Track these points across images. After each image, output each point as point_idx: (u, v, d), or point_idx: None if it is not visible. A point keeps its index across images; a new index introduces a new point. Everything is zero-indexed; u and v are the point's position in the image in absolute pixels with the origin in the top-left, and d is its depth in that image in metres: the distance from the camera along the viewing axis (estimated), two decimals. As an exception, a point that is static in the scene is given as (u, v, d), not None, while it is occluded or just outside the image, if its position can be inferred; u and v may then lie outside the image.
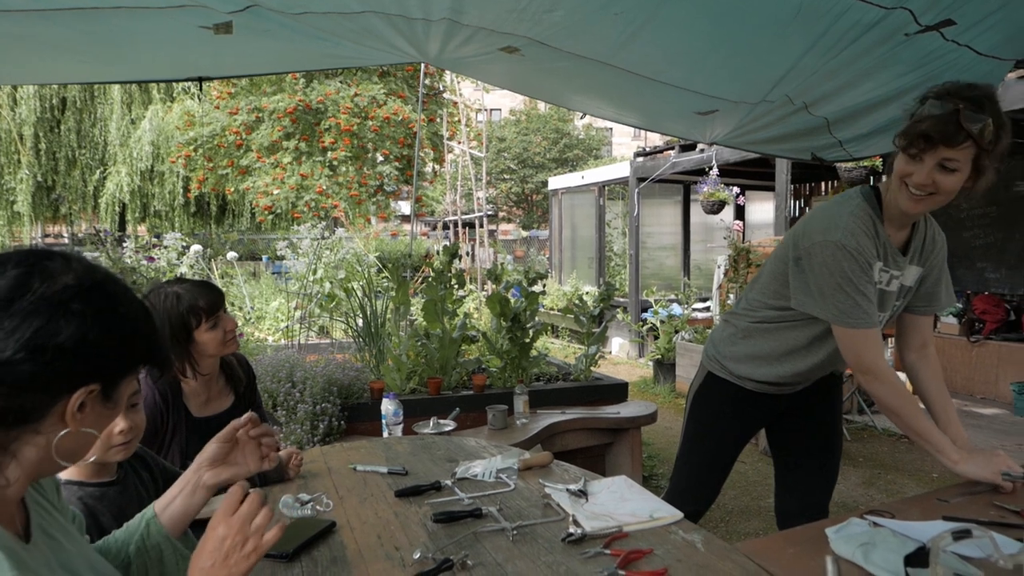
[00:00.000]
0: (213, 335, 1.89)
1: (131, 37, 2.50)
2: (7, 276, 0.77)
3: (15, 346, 0.74)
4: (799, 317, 1.87)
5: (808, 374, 1.97)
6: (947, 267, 1.85)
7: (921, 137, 1.54)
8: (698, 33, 2.38)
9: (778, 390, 2.03)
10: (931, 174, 1.56)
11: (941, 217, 5.71)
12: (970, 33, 2.20)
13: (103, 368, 0.82)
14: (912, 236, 1.78)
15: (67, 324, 0.77)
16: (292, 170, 11.31)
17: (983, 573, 1.13)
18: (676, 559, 1.27)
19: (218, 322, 1.90)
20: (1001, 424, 5.60)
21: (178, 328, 1.84)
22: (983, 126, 1.49)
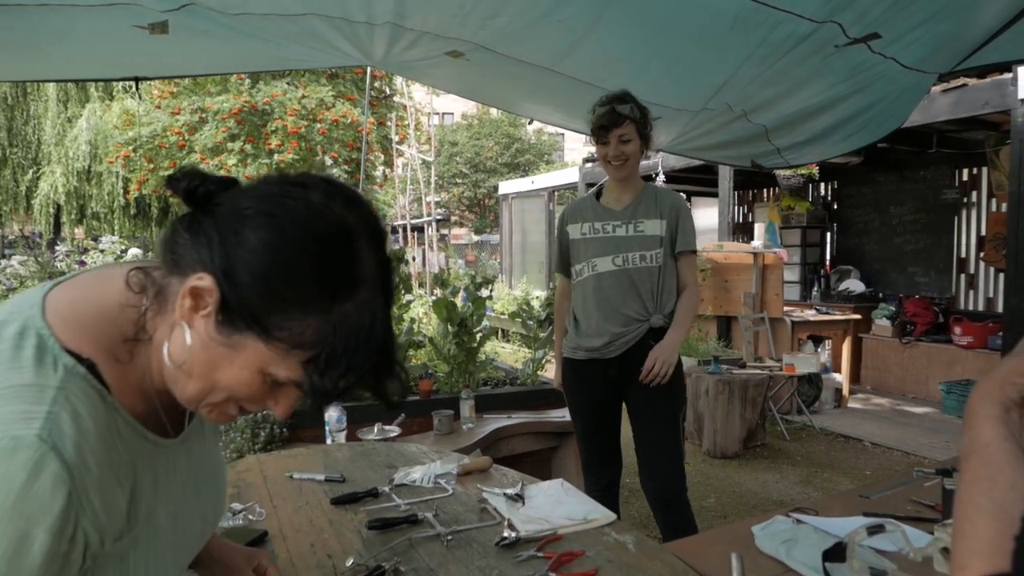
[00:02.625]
0: None
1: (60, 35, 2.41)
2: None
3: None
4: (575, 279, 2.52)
5: (595, 328, 2.44)
6: (688, 223, 2.45)
7: (601, 128, 2.34)
8: (639, 42, 2.44)
9: (598, 354, 2.43)
10: (617, 147, 2.35)
11: (876, 223, 5.95)
12: (895, 46, 2.30)
13: (253, 289, 0.68)
14: (637, 200, 2.45)
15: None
16: (237, 172, 11.05)
17: (896, 566, 1.18)
18: (607, 560, 1.29)
19: None
20: (931, 422, 5.85)
21: None
22: (630, 108, 2.34)
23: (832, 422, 5.79)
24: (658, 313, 2.40)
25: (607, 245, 2.43)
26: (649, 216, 2.42)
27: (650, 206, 2.43)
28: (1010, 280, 4.77)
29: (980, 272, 6.86)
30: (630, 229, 2.42)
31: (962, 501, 0.52)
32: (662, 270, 2.40)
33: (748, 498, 4.11)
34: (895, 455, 5.00)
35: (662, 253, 2.40)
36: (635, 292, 2.40)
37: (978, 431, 0.54)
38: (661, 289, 2.41)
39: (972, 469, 0.53)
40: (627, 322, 2.40)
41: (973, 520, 0.50)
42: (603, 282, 2.43)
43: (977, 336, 6.20)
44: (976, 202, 6.87)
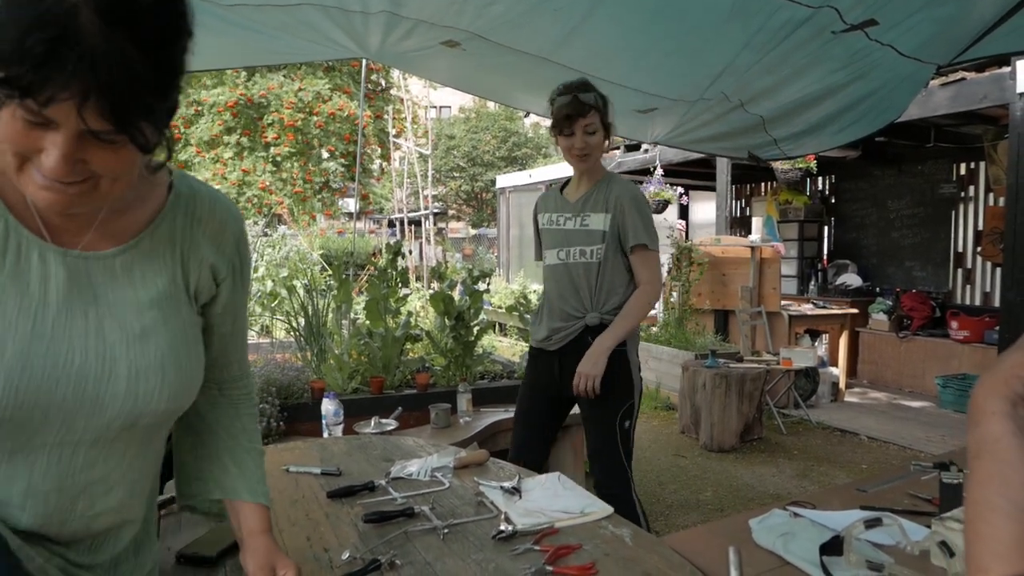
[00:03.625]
0: None
1: None
2: None
3: None
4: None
5: (541, 320, 2.46)
6: (638, 217, 2.32)
7: (566, 118, 2.25)
8: (635, 31, 2.42)
9: (543, 345, 2.45)
10: (583, 139, 2.27)
11: (873, 217, 5.97)
12: (892, 33, 2.29)
13: None
14: (589, 192, 2.38)
15: None
16: (234, 166, 11.03)
17: (893, 559, 1.18)
18: (604, 553, 1.28)
19: None
20: (928, 416, 5.86)
21: None
22: (593, 96, 2.25)
23: (829, 416, 5.80)
24: (595, 311, 2.34)
25: (556, 238, 2.42)
26: (596, 209, 2.35)
27: (599, 199, 2.36)
28: (1007, 275, 4.77)
29: (977, 266, 6.87)
30: (577, 223, 2.37)
31: (975, 501, 0.51)
32: (602, 266, 2.32)
33: (745, 491, 4.11)
34: (891, 449, 5.01)
35: (603, 248, 2.32)
36: (573, 288, 2.36)
37: (986, 428, 0.52)
38: (600, 286, 2.34)
39: (983, 467, 0.51)
40: (565, 318, 2.38)
41: (989, 520, 0.48)
42: (549, 275, 2.45)
43: (974, 330, 6.21)
44: (974, 196, 6.87)
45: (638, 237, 2.30)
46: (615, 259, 2.34)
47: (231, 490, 1.14)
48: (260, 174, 11.06)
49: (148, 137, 0.74)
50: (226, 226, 1.01)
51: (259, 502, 1.15)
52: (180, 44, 0.75)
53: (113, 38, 0.66)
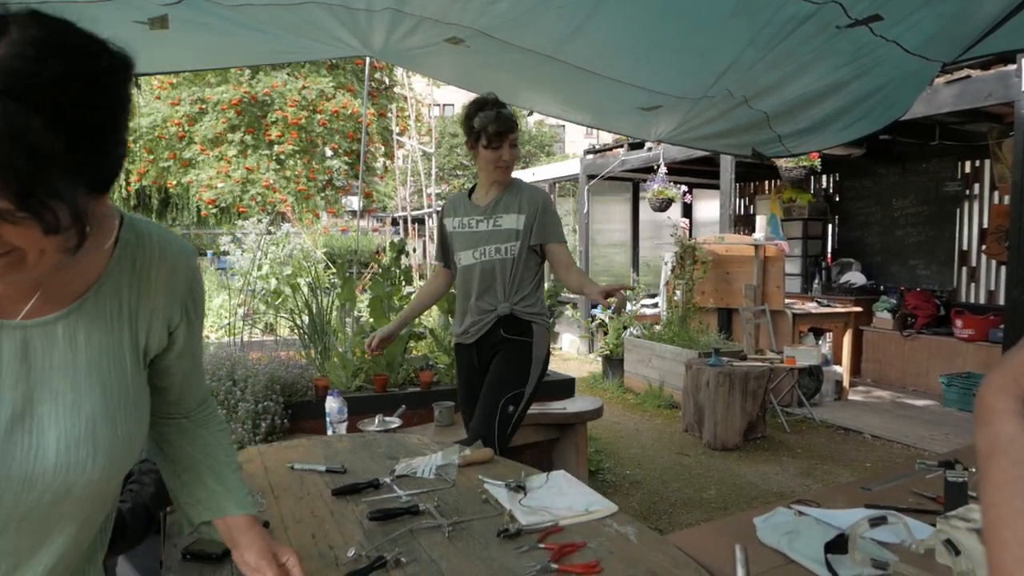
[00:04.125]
0: None
1: None
2: None
3: None
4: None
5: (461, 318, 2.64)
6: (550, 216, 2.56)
7: (497, 134, 2.49)
8: (640, 28, 2.42)
9: (462, 339, 2.64)
10: (510, 152, 2.52)
11: (877, 215, 5.95)
12: (897, 29, 2.28)
13: None
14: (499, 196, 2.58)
15: None
16: (237, 163, 11.03)
17: (898, 558, 1.18)
18: (608, 551, 1.29)
19: None
20: (931, 415, 5.85)
21: None
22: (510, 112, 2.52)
23: (833, 414, 5.80)
24: (506, 302, 2.53)
25: (470, 240, 2.59)
26: (509, 211, 2.54)
27: (511, 201, 2.55)
28: (1012, 273, 4.75)
29: (982, 265, 6.84)
30: (490, 224, 2.56)
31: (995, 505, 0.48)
32: (516, 262, 2.52)
33: (748, 490, 4.11)
34: (895, 448, 5.00)
35: (517, 245, 2.52)
36: (490, 283, 2.54)
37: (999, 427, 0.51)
38: (515, 279, 2.54)
39: (1001, 469, 0.49)
40: (481, 312, 2.57)
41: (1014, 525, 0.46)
42: (465, 275, 2.60)
43: (978, 329, 6.19)
44: (978, 195, 6.84)
45: (556, 235, 2.58)
46: (527, 256, 2.55)
47: (220, 509, 1.14)
48: (264, 172, 11.07)
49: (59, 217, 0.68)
50: (177, 269, 0.97)
51: (247, 513, 1.16)
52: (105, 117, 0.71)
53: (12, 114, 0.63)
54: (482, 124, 2.51)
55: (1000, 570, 0.47)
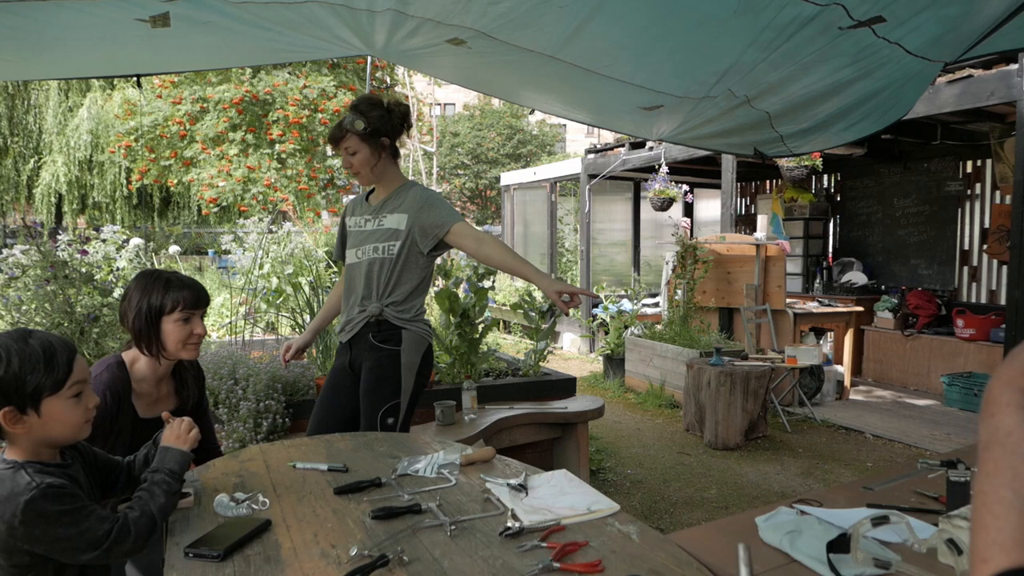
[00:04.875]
0: (177, 329, 1.90)
1: (61, 33, 2.39)
2: None
3: None
4: None
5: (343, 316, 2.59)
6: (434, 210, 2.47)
7: (330, 140, 2.49)
8: (641, 28, 2.41)
9: (341, 336, 2.58)
10: (346, 158, 2.47)
11: (879, 215, 5.94)
12: (899, 31, 2.28)
13: None
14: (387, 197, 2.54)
15: None
16: (239, 162, 11.02)
17: (900, 557, 1.18)
18: (611, 550, 1.29)
19: (189, 319, 1.92)
20: (933, 415, 5.85)
21: (151, 306, 1.88)
22: (352, 120, 2.42)
23: (834, 414, 5.79)
24: (378, 301, 2.48)
25: (357, 239, 2.56)
26: (394, 211, 2.50)
27: (397, 202, 2.51)
28: (1013, 272, 4.75)
29: (983, 264, 6.84)
30: (375, 224, 2.52)
31: (983, 492, 0.51)
32: (394, 262, 2.47)
33: (749, 489, 4.11)
34: (897, 447, 5.00)
35: (398, 246, 2.46)
36: (366, 282, 2.49)
37: (999, 419, 0.52)
38: (391, 280, 2.48)
39: (994, 459, 0.51)
40: (356, 310, 2.53)
41: (996, 512, 0.48)
42: (348, 273, 2.59)
43: (980, 329, 6.18)
44: (980, 194, 6.84)
45: (447, 219, 2.45)
46: (408, 257, 2.49)
47: None
48: (265, 171, 11.06)
49: None
50: None
51: None
52: None
53: None
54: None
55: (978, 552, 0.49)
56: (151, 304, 1.88)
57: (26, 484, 1.27)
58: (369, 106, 2.48)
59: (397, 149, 2.60)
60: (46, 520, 1.26)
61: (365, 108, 2.47)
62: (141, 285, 1.91)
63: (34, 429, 1.32)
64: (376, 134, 2.46)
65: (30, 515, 1.24)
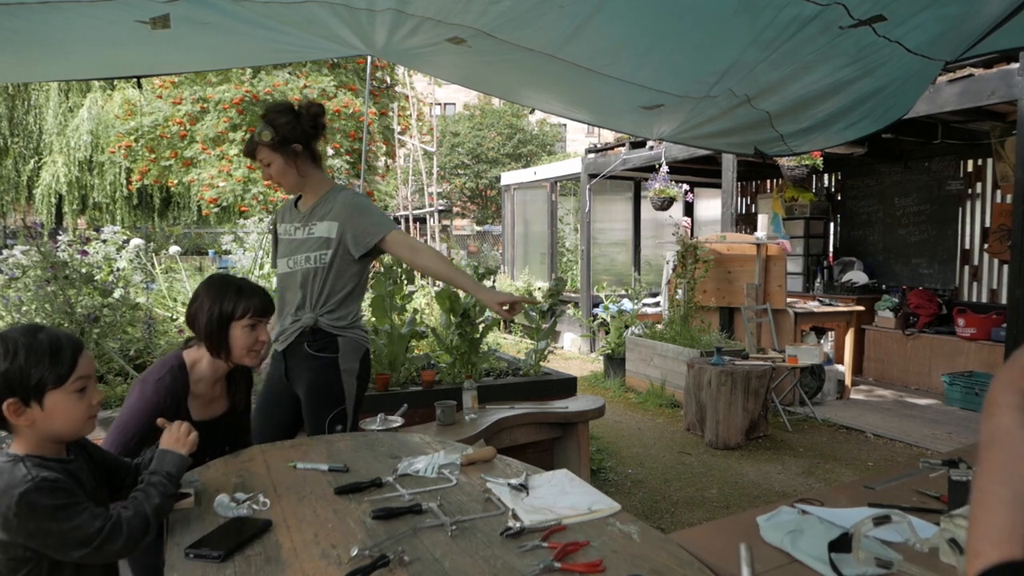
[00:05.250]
0: (244, 335, 1.94)
1: (61, 35, 2.39)
2: None
3: None
4: None
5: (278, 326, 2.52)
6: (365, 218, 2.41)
7: (246, 154, 2.47)
8: (641, 28, 2.41)
9: (276, 345, 2.52)
10: (265, 172, 2.43)
11: (879, 214, 5.95)
12: (900, 30, 2.28)
13: None
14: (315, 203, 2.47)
15: None
16: (239, 162, 11.02)
17: (902, 556, 1.17)
18: (612, 550, 1.29)
19: (255, 327, 1.96)
20: (934, 414, 5.84)
21: (223, 311, 1.92)
22: (261, 132, 2.35)
23: (835, 413, 5.79)
24: (312, 311, 2.42)
25: (288, 247, 2.51)
26: (323, 219, 2.44)
27: (325, 209, 2.44)
28: (1014, 272, 4.74)
29: (984, 264, 6.83)
30: (305, 232, 2.46)
31: (979, 489, 0.52)
32: (327, 270, 2.42)
33: (750, 489, 4.11)
34: (898, 446, 4.99)
35: (328, 254, 2.41)
36: (300, 292, 2.44)
37: (998, 419, 0.53)
38: (324, 289, 2.43)
39: (991, 457, 0.52)
40: (291, 321, 2.47)
41: (990, 508, 0.50)
42: (280, 283, 2.53)
43: (980, 328, 6.18)
44: (981, 193, 6.83)
45: (379, 231, 2.41)
46: (340, 264, 2.43)
47: None
48: (265, 171, 11.06)
49: None
50: None
51: None
52: None
53: None
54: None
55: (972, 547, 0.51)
56: (223, 309, 1.92)
57: (22, 477, 1.28)
58: (276, 114, 2.40)
59: (316, 153, 2.51)
60: (39, 513, 1.26)
61: (272, 117, 2.40)
62: (214, 290, 1.96)
63: (37, 422, 1.34)
64: (286, 142, 2.39)
65: (24, 508, 1.25)
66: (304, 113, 2.43)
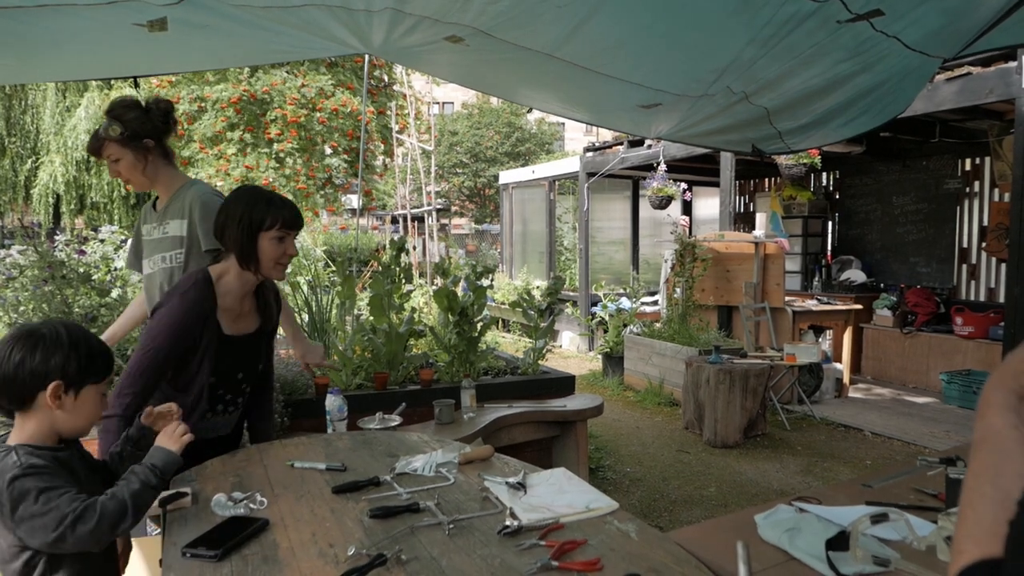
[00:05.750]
0: (272, 246, 1.95)
1: (59, 38, 2.39)
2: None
3: None
4: None
5: None
6: (206, 217, 2.27)
7: (90, 151, 2.36)
8: (640, 27, 2.41)
9: None
10: (113, 168, 2.33)
11: (878, 213, 5.95)
12: (898, 25, 2.27)
13: None
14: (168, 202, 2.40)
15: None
16: (237, 162, 11.00)
17: (899, 555, 1.17)
18: (609, 548, 1.28)
19: (284, 239, 1.97)
20: (931, 412, 5.85)
21: (252, 220, 1.93)
22: (107, 127, 2.27)
23: (833, 412, 5.80)
24: None
25: (148, 248, 2.46)
26: (174, 217, 2.38)
27: (177, 207, 2.38)
28: (1012, 270, 4.75)
29: (982, 262, 6.84)
30: (160, 231, 2.41)
31: (968, 488, 0.53)
32: (184, 270, 2.34)
33: (748, 487, 4.11)
34: (895, 445, 5.00)
35: (183, 253, 2.36)
36: (159, 295, 2.34)
37: (989, 420, 0.54)
38: None
39: (980, 458, 0.53)
40: None
41: (976, 507, 0.51)
42: (145, 284, 2.49)
43: (978, 326, 6.19)
44: (979, 192, 6.84)
45: (208, 243, 2.31)
46: (196, 263, 2.34)
47: None
48: (263, 170, 11.05)
49: None
50: None
51: None
52: None
53: None
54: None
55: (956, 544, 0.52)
56: (253, 218, 1.92)
57: (12, 463, 1.33)
58: (124, 109, 2.32)
59: (168, 149, 2.43)
60: (24, 497, 1.29)
61: (120, 112, 2.31)
62: (244, 198, 1.96)
63: (61, 410, 1.41)
64: (136, 137, 2.31)
65: (14, 493, 1.29)
66: (154, 108, 2.36)
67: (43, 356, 1.39)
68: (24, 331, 1.41)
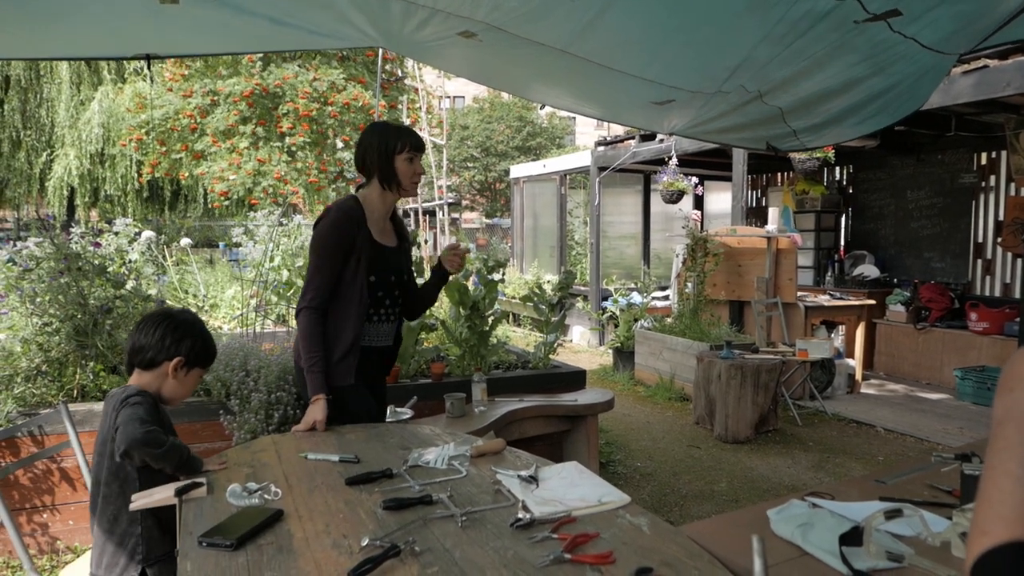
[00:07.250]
0: (405, 166, 2.31)
1: (70, 10, 2.41)
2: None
3: None
4: None
5: None
6: None
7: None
8: (653, 23, 2.40)
9: None
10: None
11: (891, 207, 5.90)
12: (915, 25, 2.25)
13: None
14: None
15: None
16: (249, 155, 11.06)
17: (913, 550, 1.17)
18: (622, 542, 1.29)
19: (413, 159, 2.33)
20: (945, 408, 5.81)
21: (388, 146, 2.29)
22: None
23: (845, 408, 5.77)
24: None
25: None
26: None
27: None
28: (1028, 265, 4.70)
29: (997, 257, 6.77)
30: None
31: (992, 467, 0.51)
32: None
33: (760, 483, 4.10)
34: (908, 441, 4.97)
35: None
36: None
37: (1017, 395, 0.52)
38: None
39: (1006, 435, 0.51)
40: None
41: (1001, 486, 0.48)
42: None
43: (993, 322, 6.13)
44: (994, 186, 6.77)
45: None
46: None
47: None
48: (275, 164, 11.09)
49: None
50: None
51: None
52: None
53: None
54: None
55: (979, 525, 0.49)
56: (388, 144, 2.28)
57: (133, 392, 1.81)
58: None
59: None
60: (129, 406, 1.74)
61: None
62: (376, 132, 2.33)
63: (172, 381, 1.88)
64: None
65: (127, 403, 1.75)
66: None
67: (178, 336, 1.86)
68: (168, 313, 1.90)
